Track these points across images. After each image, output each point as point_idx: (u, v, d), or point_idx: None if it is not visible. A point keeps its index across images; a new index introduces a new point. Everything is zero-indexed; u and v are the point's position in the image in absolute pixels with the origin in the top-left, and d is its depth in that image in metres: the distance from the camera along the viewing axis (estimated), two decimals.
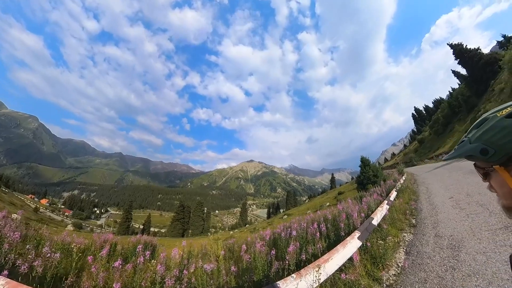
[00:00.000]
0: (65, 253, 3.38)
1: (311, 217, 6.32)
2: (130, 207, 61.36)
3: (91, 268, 2.62)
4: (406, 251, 3.74)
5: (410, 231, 4.65)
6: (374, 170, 16.17)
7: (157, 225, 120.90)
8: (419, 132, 76.52)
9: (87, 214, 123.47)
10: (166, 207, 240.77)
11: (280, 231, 4.98)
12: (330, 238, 4.04)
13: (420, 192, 8.79)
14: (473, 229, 3.80)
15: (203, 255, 5.22)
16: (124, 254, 5.31)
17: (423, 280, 2.77)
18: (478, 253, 3.02)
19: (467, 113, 39.13)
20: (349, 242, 3.12)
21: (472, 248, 3.19)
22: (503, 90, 26.05)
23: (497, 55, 33.72)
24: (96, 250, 3.71)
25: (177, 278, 2.33)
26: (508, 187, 0.56)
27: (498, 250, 2.95)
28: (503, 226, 3.54)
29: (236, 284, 2.63)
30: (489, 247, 3.08)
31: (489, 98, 30.48)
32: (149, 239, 6.99)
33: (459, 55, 39.55)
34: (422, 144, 60.57)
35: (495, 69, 32.83)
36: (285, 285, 1.82)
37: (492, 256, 2.86)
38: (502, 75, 28.90)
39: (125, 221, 57.97)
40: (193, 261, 3.62)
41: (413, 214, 5.80)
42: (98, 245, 3.89)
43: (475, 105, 36.77)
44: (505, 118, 0.55)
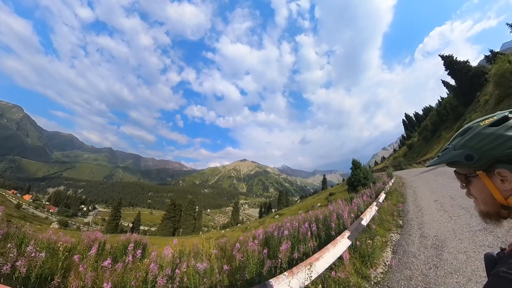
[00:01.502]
0: (50, 252, 3.27)
1: (302, 217, 6.42)
2: (119, 204, 59.82)
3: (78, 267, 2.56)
4: (393, 250, 3.88)
5: (397, 232, 4.84)
6: (365, 173, 16.54)
7: (147, 223, 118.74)
8: (408, 137, 79.22)
9: (73, 211, 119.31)
10: (156, 205, 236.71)
11: (272, 230, 5.03)
12: (321, 237, 4.13)
13: (408, 195, 9.17)
14: (455, 230, 4.03)
15: (195, 254, 5.20)
16: (114, 253, 5.17)
17: (408, 277, 2.90)
18: (459, 252, 3.20)
19: (454, 121, 41.11)
20: (339, 242, 3.21)
21: (454, 247, 3.38)
22: (487, 102, 27.70)
23: (484, 69, 35.97)
24: (84, 249, 3.60)
25: (169, 277, 2.29)
26: (487, 193, 0.59)
27: (477, 250, 3.15)
28: (483, 228, 3.80)
29: (229, 283, 2.65)
30: (469, 247, 3.28)
31: (475, 109, 32.23)
32: (140, 238, 6.85)
33: (449, 66, 41.50)
34: (411, 149, 62.99)
35: (482, 81, 34.97)
36: (277, 283, 1.86)
37: (472, 255, 3.05)
38: (487, 87, 30.73)
39: (113, 219, 56.45)
40: (185, 260, 3.61)
41: (400, 216, 6.04)
42: (86, 244, 3.78)
43: (461, 114, 38.72)
44: (488, 127, 0.59)
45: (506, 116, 0.59)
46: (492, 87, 25.68)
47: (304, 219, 5.90)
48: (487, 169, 0.58)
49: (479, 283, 2.45)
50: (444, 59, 42.15)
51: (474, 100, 36.20)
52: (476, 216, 4.38)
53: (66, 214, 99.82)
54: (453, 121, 41.74)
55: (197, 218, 66.43)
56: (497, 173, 0.55)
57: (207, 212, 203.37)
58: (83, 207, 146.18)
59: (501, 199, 0.56)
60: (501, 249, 0.62)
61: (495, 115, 0.62)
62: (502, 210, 0.58)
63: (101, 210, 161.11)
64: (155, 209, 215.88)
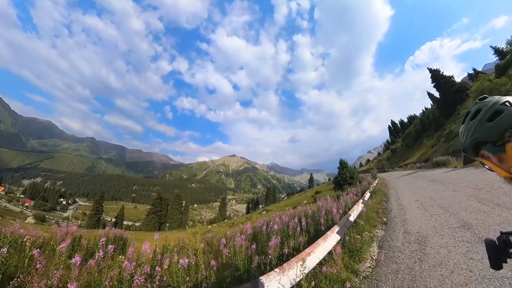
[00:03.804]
0: (17, 248, 2.95)
1: (291, 212, 6.41)
2: (101, 198, 57.35)
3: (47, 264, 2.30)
4: (379, 245, 3.95)
5: (382, 228, 4.97)
6: (351, 173, 17.05)
7: (131, 218, 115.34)
8: (392, 142, 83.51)
9: (51, 205, 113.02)
10: (141, 199, 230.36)
11: (260, 225, 4.95)
12: (310, 232, 4.10)
13: (390, 195, 9.65)
14: (436, 227, 4.21)
15: (180, 249, 5.00)
16: (91, 249, 4.82)
17: (395, 271, 2.93)
18: (441, 247, 3.31)
19: (435, 130, 43.99)
20: (330, 236, 3.18)
21: (436, 243, 3.50)
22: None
23: (466, 85, 39.11)
24: (56, 245, 3.29)
25: (148, 275, 2.09)
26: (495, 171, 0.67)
27: (457, 245, 3.29)
28: (461, 225, 3.99)
29: (216, 279, 2.51)
30: (450, 242, 3.42)
31: (455, 120, 35.17)
32: (120, 233, 6.48)
33: (435, 79, 44.53)
34: (394, 153, 66.64)
35: (463, 96, 37.83)
36: (268, 280, 1.75)
37: (453, 249, 3.16)
38: (468, 102, 33.71)
39: (95, 214, 54.10)
40: (168, 256, 3.41)
41: (384, 213, 6.29)
42: (59, 239, 3.45)
43: (442, 124, 41.60)
44: (461, 124, 0.76)
45: (467, 111, 0.74)
46: (472, 101, 27.37)
47: (293, 214, 5.89)
48: (477, 154, 0.70)
49: (460, 274, 2.53)
50: (431, 72, 45.02)
51: (455, 112, 39.26)
52: (454, 215, 4.61)
53: (44, 208, 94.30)
54: (434, 130, 44.64)
55: (184, 213, 65.56)
56: (483, 154, 0.68)
57: (194, 207, 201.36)
58: (62, 200, 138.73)
59: (504, 173, 0.63)
60: (501, 233, 0.66)
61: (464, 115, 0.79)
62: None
63: (82, 204, 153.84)
64: (140, 203, 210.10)
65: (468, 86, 37.00)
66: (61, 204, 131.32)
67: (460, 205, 5.20)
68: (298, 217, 4.64)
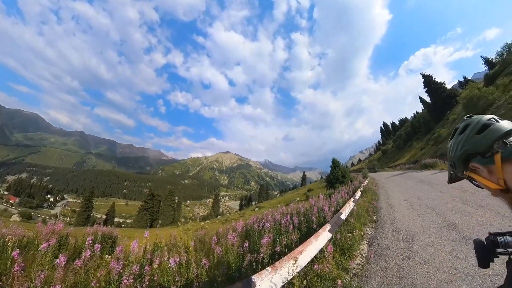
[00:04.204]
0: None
1: (283, 209, 6.45)
2: (91, 194, 55.74)
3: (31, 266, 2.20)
4: (369, 243, 4.04)
5: (372, 226, 5.12)
6: (343, 172, 17.35)
7: (123, 215, 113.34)
8: (383, 144, 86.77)
9: (38, 202, 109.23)
10: (133, 195, 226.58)
11: (253, 222, 4.95)
12: (302, 230, 4.13)
13: (380, 194, 9.97)
14: (423, 226, 4.38)
15: (171, 246, 4.94)
16: (78, 248, 4.67)
17: (384, 268, 3.01)
18: (427, 246, 3.42)
19: (425, 134, 45.79)
20: (321, 234, 3.21)
21: (423, 241, 3.63)
22: (455, 120, 31.91)
23: (456, 92, 40.81)
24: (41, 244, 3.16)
25: (137, 275, 2.03)
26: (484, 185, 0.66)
27: (443, 243, 3.42)
28: (447, 225, 4.17)
29: (208, 278, 2.48)
30: (436, 241, 3.55)
31: (443, 125, 36.56)
32: (109, 230, 6.31)
33: (427, 84, 46.01)
34: (385, 154, 69.20)
35: (453, 102, 39.50)
36: (260, 279, 1.74)
37: (439, 248, 3.28)
38: (457, 108, 35.22)
39: (84, 210, 52.53)
40: (159, 254, 3.35)
41: (374, 212, 6.49)
42: (44, 238, 3.32)
43: (432, 128, 43.33)
44: (449, 140, 0.80)
45: (455, 128, 0.78)
46: (461, 108, 29.22)
47: (285, 211, 5.93)
48: (466, 168, 0.71)
49: (446, 272, 2.63)
50: (424, 78, 46.58)
51: (444, 117, 40.98)
52: (440, 215, 4.81)
53: (30, 206, 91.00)
54: (424, 134, 46.44)
55: (176, 209, 65.02)
56: (472, 167, 0.69)
57: (187, 204, 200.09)
58: (50, 197, 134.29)
59: (493, 185, 0.62)
60: (489, 234, 0.68)
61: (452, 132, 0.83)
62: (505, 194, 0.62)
63: (71, 200, 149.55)
64: (132, 199, 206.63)
65: (458, 93, 38.87)
66: (48, 201, 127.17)
67: (446, 206, 5.41)
68: (290, 215, 4.67)
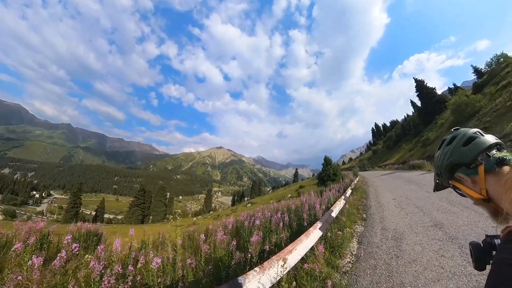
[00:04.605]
0: None
1: (275, 206, 6.44)
2: (79, 190, 53.80)
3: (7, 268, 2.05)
4: (359, 241, 4.08)
5: (362, 224, 5.20)
6: (334, 170, 17.61)
7: (113, 211, 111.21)
8: (374, 144, 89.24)
9: (23, 199, 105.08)
10: (123, 191, 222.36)
11: (243, 219, 4.91)
12: (292, 227, 4.12)
13: (370, 192, 10.22)
14: (411, 225, 4.48)
15: (159, 244, 4.83)
16: (61, 247, 4.49)
17: (373, 266, 3.04)
18: (415, 244, 3.49)
19: (414, 136, 47.90)
20: (312, 232, 3.19)
21: (411, 240, 3.70)
22: (443, 124, 33.41)
23: (446, 98, 42.82)
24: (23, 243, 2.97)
25: (120, 275, 1.93)
26: (468, 195, 0.70)
27: (430, 243, 3.50)
28: (433, 224, 4.29)
29: (194, 278, 2.41)
30: (424, 240, 3.63)
31: (432, 128, 38.29)
32: (94, 227, 6.11)
33: (419, 89, 47.65)
34: (375, 154, 71.74)
35: (442, 107, 41.08)
36: (247, 280, 1.68)
37: (426, 247, 3.34)
38: (445, 113, 36.71)
39: (72, 207, 50.71)
40: (143, 252, 3.24)
41: (364, 210, 6.62)
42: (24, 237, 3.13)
43: (421, 131, 45.20)
44: (437, 151, 0.84)
45: (443, 139, 0.83)
46: (449, 113, 30.51)
47: (276, 208, 5.92)
48: (452, 177, 0.75)
49: (433, 271, 2.68)
50: (417, 82, 48.18)
51: (433, 121, 42.65)
52: (427, 214, 4.94)
53: (14, 203, 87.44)
54: (413, 136, 48.47)
55: (168, 205, 64.36)
56: (457, 177, 0.73)
57: (179, 199, 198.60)
58: (35, 193, 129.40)
59: (476, 195, 0.65)
60: (486, 236, 0.68)
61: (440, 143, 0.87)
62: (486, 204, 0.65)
63: (58, 197, 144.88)
64: (122, 195, 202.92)
65: (447, 99, 40.71)
66: (33, 197, 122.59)
67: (433, 206, 5.57)
68: (281, 211, 4.65)
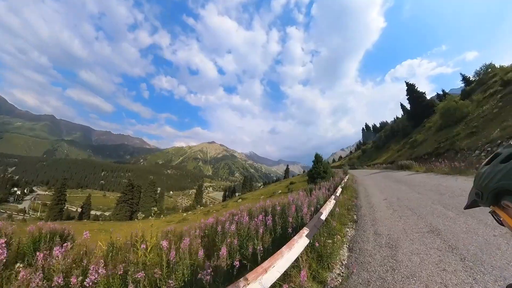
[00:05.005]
0: None
1: (261, 204, 5.91)
2: (63, 185, 50.96)
3: None
4: (349, 248, 3.63)
5: (352, 227, 4.76)
6: (325, 167, 17.33)
7: (100, 207, 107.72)
8: (364, 143, 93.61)
9: (2, 196, 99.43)
10: (111, 186, 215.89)
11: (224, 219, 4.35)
12: (276, 232, 3.60)
13: (360, 192, 9.95)
14: (406, 230, 4.06)
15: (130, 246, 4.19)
16: (22, 250, 3.84)
17: (366, 281, 2.58)
18: (413, 254, 3.06)
19: (402, 137, 50.31)
20: (297, 242, 2.67)
21: (407, 248, 3.26)
22: (430, 128, 34.56)
23: (434, 103, 45.32)
24: None
25: None
26: (508, 225, 0.59)
27: (429, 252, 3.07)
28: (429, 230, 3.86)
29: None
30: (421, 249, 3.20)
31: (420, 131, 39.66)
32: (60, 228, 5.38)
33: (410, 92, 49.99)
34: (364, 153, 74.36)
35: (431, 111, 43.40)
36: None
37: (425, 258, 2.92)
38: (433, 117, 38.72)
39: (57, 204, 47.97)
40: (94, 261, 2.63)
41: (354, 210, 6.22)
42: None
43: (409, 133, 47.48)
44: (484, 166, 0.65)
45: (496, 153, 0.63)
46: (438, 117, 31.95)
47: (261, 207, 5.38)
48: (496, 203, 0.60)
49: None
50: (408, 86, 50.46)
51: (421, 124, 44.49)
52: (422, 219, 4.50)
53: None
54: (401, 137, 50.88)
55: (158, 201, 62.92)
56: (503, 205, 0.58)
57: (169, 194, 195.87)
58: (16, 190, 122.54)
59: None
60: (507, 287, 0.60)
61: (490, 155, 0.67)
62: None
63: (41, 193, 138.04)
64: (110, 191, 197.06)
65: (436, 104, 42.83)
66: (14, 194, 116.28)
67: (427, 209, 5.19)
68: (264, 214, 4.12)
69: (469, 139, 17.56)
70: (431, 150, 23.26)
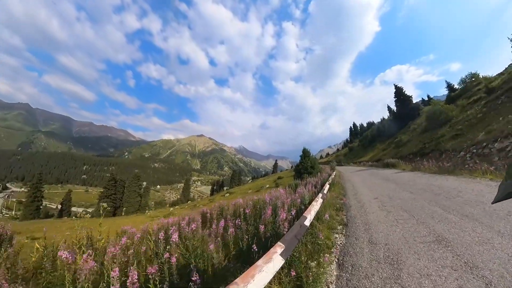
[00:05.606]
0: None
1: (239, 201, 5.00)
2: (39, 181, 46.62)
3: None
4: (339, 263, 2.81)
5: (342, 232, 3.98)
6: (312, 162, 16.90)
7: (82, 203, 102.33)
8: (351, 142, 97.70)
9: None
10: (94, 181, 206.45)
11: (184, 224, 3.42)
12: (242, 247, 2.72)
13: (347, 189, 9.45)
14: (406, 238, 3.29)
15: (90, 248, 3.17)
16: None
17: None
18: (422, 276, 2.27)
19: (387, 137, 53.64)
20: (259, 271, 1.77)
21: (413, 266, 2.48)
22: (415, 129, 36.68)
23: (420, 107, 49.77)
24: None
25: None
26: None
27: (442, 273, 2.29)
28: (435, 239, 3.11)
29: None
30: (431, 267, 2.42)
31: (405, 132, 42.73)
32: None
33: (398, 95, 53.24)
34: (351, 151, 78.32)
35: (416, 114, 47.08)
36: None
37: (439, 282, 2.15)
38: (418, 120, 41.62)
39: (33, 201, 44.01)
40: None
41: (343, 211, 5.50)
42: None
43: (394, 133, 50.54)
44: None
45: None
46: (423, 119, 33.97)
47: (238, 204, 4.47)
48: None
49: None
50: (396, 88, 53.92)
51: (406, 126, 47.46)
52: (422, 223, 3.80)
53: None
54: (387, 137, 53.88)
55: (143, 195, 60.42)
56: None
57: (156, 189, 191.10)
58: None
59: None
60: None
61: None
62: None
63: (16, 190, 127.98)
64: (93, 186, 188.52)
65: (421, 107, 47.26)
66: None
67: (424, 211, 4.52)
68: (230, 216, 3.22)
69: (454, 140, 17.90)
70: (416, 150, 23.69)
